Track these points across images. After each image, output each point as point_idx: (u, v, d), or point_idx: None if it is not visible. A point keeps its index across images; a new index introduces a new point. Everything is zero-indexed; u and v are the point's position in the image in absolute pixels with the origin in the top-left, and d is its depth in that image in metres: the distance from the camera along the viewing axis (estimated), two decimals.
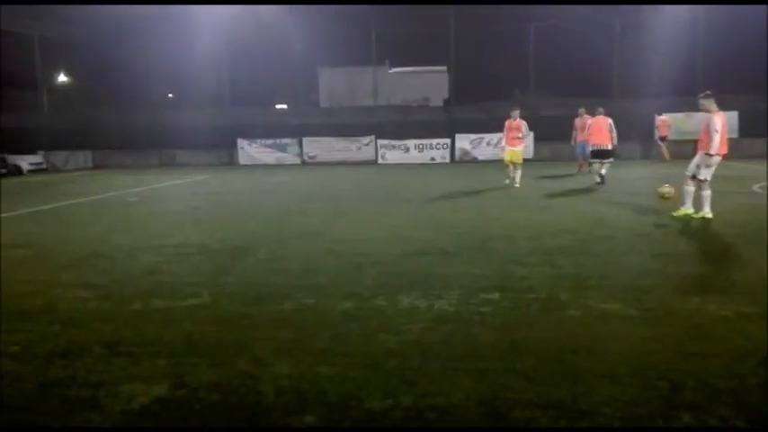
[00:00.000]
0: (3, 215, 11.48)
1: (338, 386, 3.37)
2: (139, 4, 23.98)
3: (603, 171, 14.33)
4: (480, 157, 25.42)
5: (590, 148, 15.11)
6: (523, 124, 14.51)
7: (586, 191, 13.46)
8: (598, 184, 14.25)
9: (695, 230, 8.26)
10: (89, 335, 4.35)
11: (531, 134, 24.63)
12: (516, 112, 14.59)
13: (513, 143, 14.50)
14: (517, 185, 14.18)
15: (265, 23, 27.35)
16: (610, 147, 14.50)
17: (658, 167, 19.08)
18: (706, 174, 8.86)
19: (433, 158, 26.13)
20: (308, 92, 40.60)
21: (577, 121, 17.57)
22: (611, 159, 14.67)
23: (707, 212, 8.84)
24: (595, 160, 14.75)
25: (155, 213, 11.34)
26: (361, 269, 6.19)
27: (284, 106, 37.44)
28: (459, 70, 29.06)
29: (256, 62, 34.40)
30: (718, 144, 8.65)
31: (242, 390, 3.37)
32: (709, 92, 8.99)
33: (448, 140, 26.12)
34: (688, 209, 9.07)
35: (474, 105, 26.63)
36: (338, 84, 40.93)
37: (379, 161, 26.43)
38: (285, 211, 11.09)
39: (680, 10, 24.52)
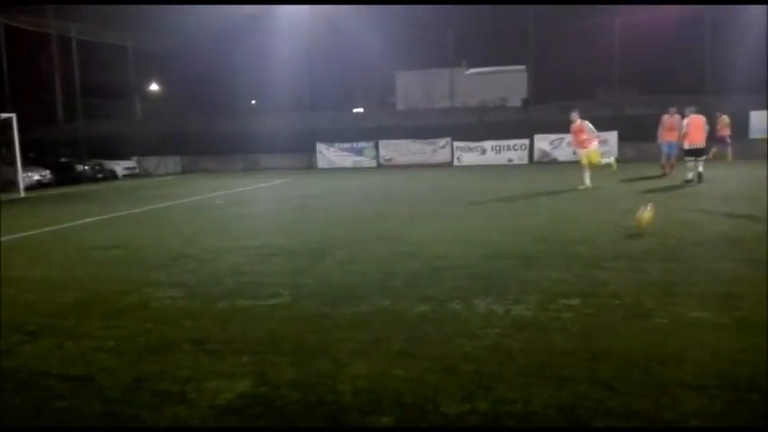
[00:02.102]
0: (100, 217, 12.29)
1: (414, 389, 3.39)
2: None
3: (701, 169, 14.02)
4: (561, 158, 24.76)
5: (685, 147, 14.56)
6: (586, 124, 14.07)
7: (674, 192, 12.85)
8: (687, 182, 13.94)
9: None
10: (178, 332, 4.59)
11: (615, 133, 23.87)
12: (575, 114, 14.23)
13: (585, 144, 14.07)
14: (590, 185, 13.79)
15: (342, 29, 27.85)
16: (704, 145, 14.19)
17: (742, 169, 17.92)
18: None
19: (510, 160, 25.69)
20: (384, 95, 40.95)
21: (665, 119, 16.78)
22: (705, 157, 14.23)
23: None
24: (690, 158, 14.24)
25: (239, 216, 11.78)
26: (437, 272, 6.19)
27: (361, 110, 37.95)
28: (539, 69, 28.48)
29: (334, 68, 35.13)
30: None
31: (321, 388, 3.45)
32: None
33: (526, 141, 25.61)
34: None
35: (554, 105, 25.98)
36: (414, 86, 41.06)
37: (456, 163, 26.28)
38: (362, 214, 11.23)
39: None
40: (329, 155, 28.12)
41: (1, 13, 27.74)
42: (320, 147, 28.16)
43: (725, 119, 21.25)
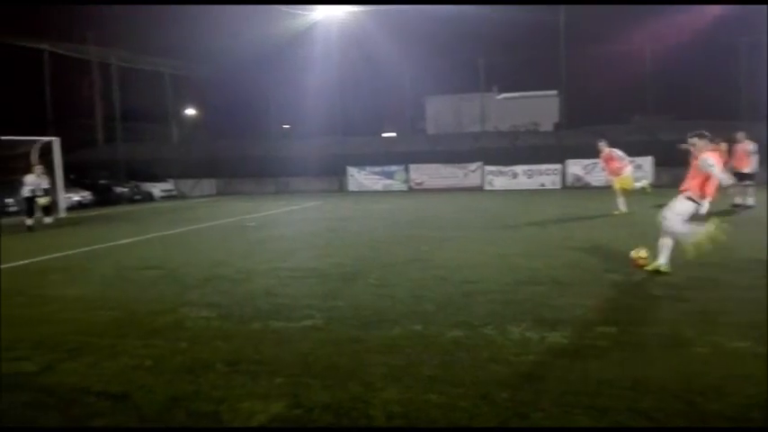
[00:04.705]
0: (137, 238, 12.54)
1: (448, 415, 3.35)
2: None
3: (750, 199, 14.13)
4: (594, 183, 24.47)
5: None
6: (615, 151, 13.99)
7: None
8: (736, 206, 13.92)
9: None
10: (212, 352, 4.63)
11: (650, 158, 23.54)
12: (602, 144, 14.25)
13: (618, 172, 13.96)
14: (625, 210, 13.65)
15: (374, 56, 28.28)
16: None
17: None
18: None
19: (542, 184, 25.49)
20: (415, 120, 41.19)
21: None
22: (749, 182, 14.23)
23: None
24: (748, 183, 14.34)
25: (271, 238, 11.89)
26: (469, 297, 6.14)
27: (392, 134, 38.20)
28: (571, 94, 28.36)
29: (365, 93, 35.60)
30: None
31: (353, 413, 3.43)
32: (704, 131, 7.23)
33: (559, 166, 25.41)
34: None
35: (587, 129, 25.79)
36: (445, 111, 41.17)
37: (487, 187, 26.17)
38: (393, 237, 11.23)
39: None
40: (360, 178, 28.30)
41: (46, 41, 28.89)
42: (351, 170, 28.38)
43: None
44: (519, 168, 25.90)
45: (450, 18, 29.01)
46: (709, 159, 6.99)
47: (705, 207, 7.36)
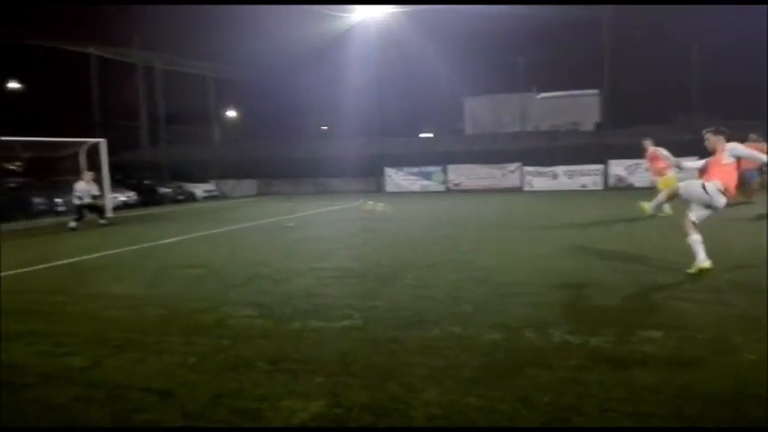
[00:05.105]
0: (180, 237, 12.82)
1: (488, 417, 3.33)
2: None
3: None
4: (637, 184, 23.93)
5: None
6: (660, 150, 13.62)
7: (761, 220, 12.14)
8: None
9: None
10: (254, 350, 4.70)
11: (696, 158, 22.89)
12: (647, 142, 13.94)
13: (663, 172, 13.60)
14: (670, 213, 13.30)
15: (412, 57, 28.30)
16: None
17: None
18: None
19: (584, 185, 25.07)
20: (453, 121, 41.02)
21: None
22: None
23: None
24: None
25: (309, 238, 12.00)
26: (508, 298, 6.08)
27: (430, 135, 38.13)
28: (613, 93, 27.81)
29: (403, 94, 35.66)
30: None
31: (393, 413, 3.44)
32: (722, 128, 7.24)
33: (600, 166, 24.95)
34: None
35: (629, 129, 25.26)
36: (483, 111, 40.86)
37: (526, 188, 25.87)
38: (430, 238, 11.21)
39: None
40: (398, 179, 28.32)
41: (92, 45, 29.84)
42: (389, 171, 28.43)
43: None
44: (559, 169, 25.53)
45: (488, 18, 28.81)
46: (738, 146, 7.04)
47: (721, 203, 7.15)
